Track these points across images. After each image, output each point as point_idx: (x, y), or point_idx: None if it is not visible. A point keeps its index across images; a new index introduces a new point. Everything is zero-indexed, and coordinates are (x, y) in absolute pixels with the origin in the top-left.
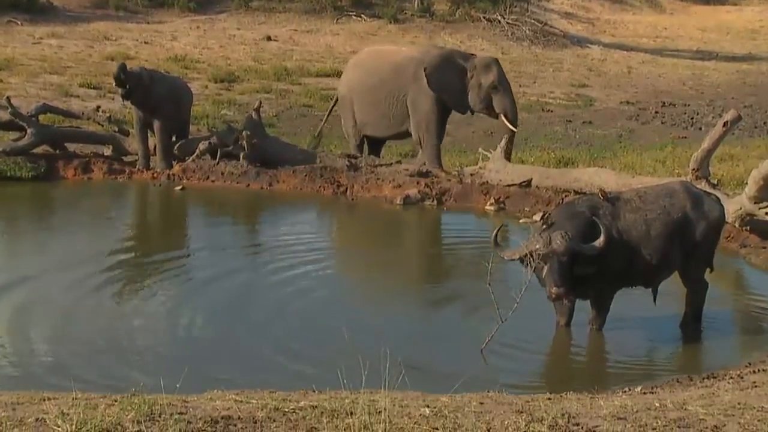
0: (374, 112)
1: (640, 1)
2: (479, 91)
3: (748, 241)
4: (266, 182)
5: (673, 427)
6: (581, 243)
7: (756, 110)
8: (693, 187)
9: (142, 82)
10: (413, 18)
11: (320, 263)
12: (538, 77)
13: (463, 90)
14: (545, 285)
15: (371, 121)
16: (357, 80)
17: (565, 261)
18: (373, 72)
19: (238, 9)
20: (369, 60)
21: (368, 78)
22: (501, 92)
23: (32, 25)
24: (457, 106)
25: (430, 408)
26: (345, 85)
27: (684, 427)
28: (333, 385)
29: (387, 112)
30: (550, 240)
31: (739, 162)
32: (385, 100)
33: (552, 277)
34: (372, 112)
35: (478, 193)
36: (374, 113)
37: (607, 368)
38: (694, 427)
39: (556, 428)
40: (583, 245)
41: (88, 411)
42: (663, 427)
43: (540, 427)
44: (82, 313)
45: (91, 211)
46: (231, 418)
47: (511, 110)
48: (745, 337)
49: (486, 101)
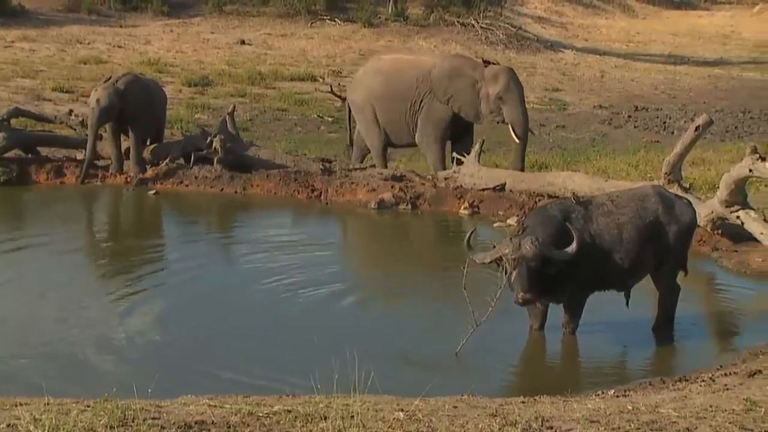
0: (395, 121)
1: (613, 6)
2: (488, 101)
3: (720, 245)
4: (240, 186)
5: (646, 429)
6: (553, 248)
7: (727, 114)
8: (665, 191)
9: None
10: (387, 22)
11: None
12: None
13: (474, 99)
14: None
15: (392, 130)
16: (378, 88)
17: (533, 266)
18: (396, 81)
19: (211, 13)
20: (390, 68)
21: (390, 86)
22: (508, 103)
23: (4, 29)
24: (468, 115)
25: (404, 412)
26: (363, 92)
27: (656, 430)
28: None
29: (408, 121)
30: (519, 245)
31: (711, 166)
32: (408, 109)
33: (520, 283)
34: (393, 120)
35: (452, 197)
36: (395, 122)
37: (581, 371)
38: (666, 430)
39: (529, 431)
40: (555, 251)
41: (60, 416)
42: (636, 430)
43: (514, 430)
44: (51, 318)
45: (63, 216)
46: (205, 423)
47: (518, 122)
48: (717, 340)
49: (496, 111)
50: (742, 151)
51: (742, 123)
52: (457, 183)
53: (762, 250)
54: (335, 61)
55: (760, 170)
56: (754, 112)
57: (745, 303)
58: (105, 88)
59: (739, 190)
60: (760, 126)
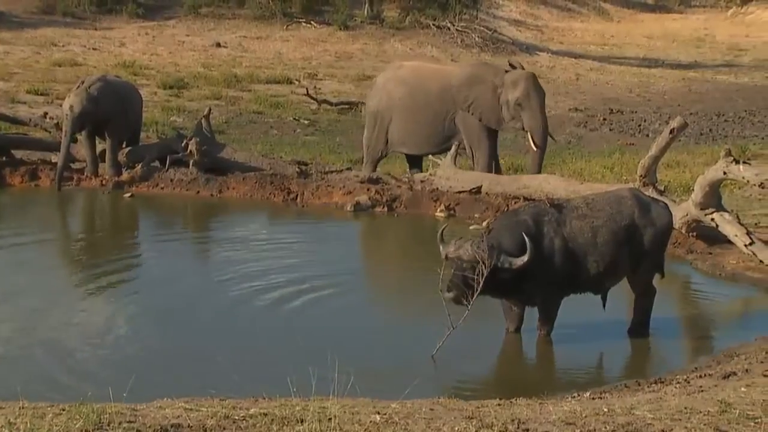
0: (418, 132)
1: (588, 9)
2: (507, 108)
3: (695, 247)
4: (216, 189)
5: (621, 431)
6: (503, 255)
7: (701, 117)
8: (642, 194)
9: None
10: (363, 25)
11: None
12: None
13: (495, 105)
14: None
15: (412, 140)
16: (399, 98)
17: (468, 269)
18: (420, 91)
19: (187, 15)
20: (414, 78)
21: (414, 97)
22: (527, 109)
23: None
24: (489, 122)
25: (380, 414)
26: (382, 100)
27: None
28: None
29: (432, 132)
30: (460, 246)
31: (686, 168)
32: (432, 120)
33: (450, 281)
34: (415, 131)
35: (429, 199)
36: (418, 132)
37: (557, 374)
38: None
39: None
40: (502, 259)
41: (35, 420)
42: None
43: None
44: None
45: (38, 219)
46: (181, 426)
47: (536, 129)
48: (692, 342)
49: (516, 117)
50: (716, 154)
51: (716, 126)
52: (433, 186)
53: (736, 253)
54: (311, 64)
55: (734, 173)
56: (728, 114)
57: (720, 305)
58: (78, 95)
59: (714, 193)
60: (734, 129)
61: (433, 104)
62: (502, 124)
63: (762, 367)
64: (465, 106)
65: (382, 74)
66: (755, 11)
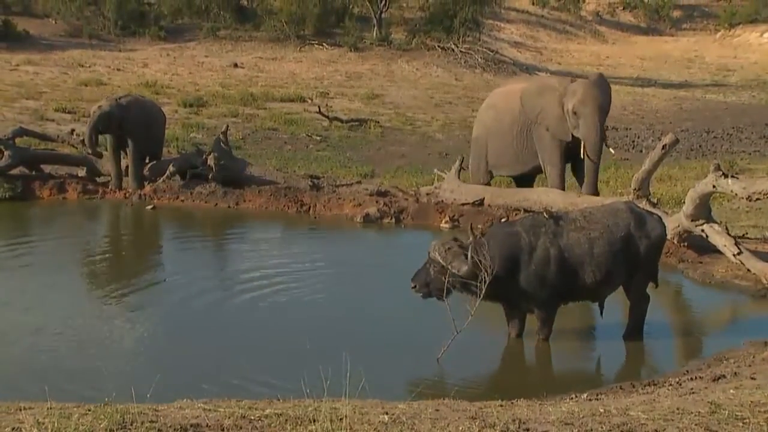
0: (508, 153)
1: (585, 32)
2: (569, 117)
3: (686, 256)
4: (233, 201)
5: (617, 431)
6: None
7: (692, 134)
8: (637, 207)
9: (111, 118)
10: (372, 46)
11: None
12: None
13: (560, 115)
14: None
15: (504, 160)
16: (490, 122)
17: (431, 266)
18: (504, 112)
19: (206, 37)
20: (499, 101)
21: (500, 119)
22: (581, 117)
23: (9, 53)
24: (556, 133)
25: (388, 415)
26: (479, 127)
27: None
28: (297, 394)
29: (518, 151)
30: (434, 247)
31: (677, 182)
32: (516, 139)
33: (416, 273)
34: (506, 153)
35: (434, 211)
36: (508, 154)
37: (556, 376)
38: None
39: None
40: (451, 263)
41: (62, 420)
42: None
43: None
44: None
45: (66, 229)
46: (200, 426)
47: (587, 137)
48: (683, 347)
49: (576, 126)
50: (706, 169)
51: (706, 142)
52: (438, 198)
53: (725, 262)
54: (323, 83)
55: (723, 186)
56: (716, 131)
57: (710, 311)
58: (108, 100)
59: (704, 205)
60: (723, 145)
61: (515, 122)
62: (568, 135)
63: (750, 370)
64: (534, 117)
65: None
66: (742, 34)
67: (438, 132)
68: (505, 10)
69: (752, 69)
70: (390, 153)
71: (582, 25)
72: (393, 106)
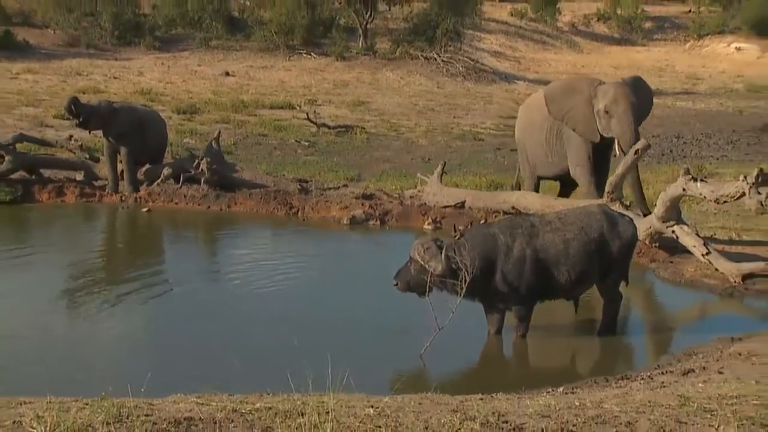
0: (540, 152)
1: (561, 42)
2: (599, 118)
3: (657, 256)
4: (225, 204)
5: (591, 423)
6: (436, 259)
7: (663, 140)
8: (609, 210)
9: (98, 112)
10: (358, 56)
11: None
12: (470, 109)
13: (589, 116)
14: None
15: (539, 162)
16: (525, 122)
17: (411, 263)
18: (537, 111)
19: (199, 47)
20: (534, 100)
21: (531, 120)
22: (614, 116)
23: (10, 62)
24: (584, 134)
25: (373, 408)
26: (517, 130)
27: (601, 423)
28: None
29: (549, 151)
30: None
31: (649, 186)
32: (546, 139)
33: (399, 270)
34: (539, 152)
35: (417, 213)
36: (540, 153)
37: (533, 371)
38: (609, 423)
39: (487, 426)
40: (428, 262)
41: (61, 414)
42: (582, 424)
43: (473, 424)
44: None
45: (64, 231)
46: (193, 419)
47: (621, 135)
48: (655, 343)
49: (607, 127)
50: (676, 173)
51: (676, 147)
52: (421, 201)
53: (694, 262)
54: (311, 91)
55: (693, 190)
56: (686, 137)
57: (680, 309)
58: (103, 99)
59: (674, 208)
60: (692, 150)
61: (542, 124)
62: (596, 136)
63: (718, 365)
64: (560, 117)
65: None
66: (710, 44)
67: (421, 138)
68: (485, 21)
69: (720, 78)
70: (375, 158)
71: (558, 35)
72: (378, 113)
